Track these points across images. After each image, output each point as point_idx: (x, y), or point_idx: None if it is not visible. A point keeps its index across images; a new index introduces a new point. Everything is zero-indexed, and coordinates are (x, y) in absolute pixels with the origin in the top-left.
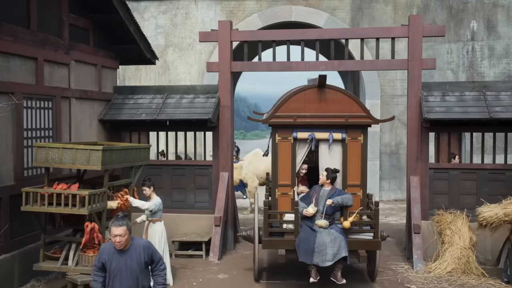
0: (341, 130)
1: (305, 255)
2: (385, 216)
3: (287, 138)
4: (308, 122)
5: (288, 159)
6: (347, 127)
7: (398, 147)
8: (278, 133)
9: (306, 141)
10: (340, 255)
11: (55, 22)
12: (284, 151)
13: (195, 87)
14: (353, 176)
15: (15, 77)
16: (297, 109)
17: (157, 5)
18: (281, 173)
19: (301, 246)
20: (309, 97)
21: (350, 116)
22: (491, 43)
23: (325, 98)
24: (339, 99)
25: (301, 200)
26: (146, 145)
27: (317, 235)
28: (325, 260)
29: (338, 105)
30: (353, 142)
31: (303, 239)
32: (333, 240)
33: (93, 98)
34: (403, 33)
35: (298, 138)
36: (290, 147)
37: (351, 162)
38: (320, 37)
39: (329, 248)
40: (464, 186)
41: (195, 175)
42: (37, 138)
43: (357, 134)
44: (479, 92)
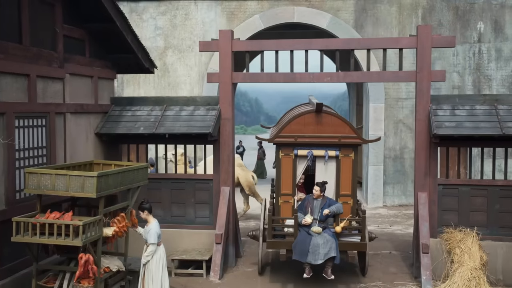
0: (335, 148)
1: (300, 255)
2: (389, 224)
3: (289, 154)
4: (307, 141)
5: (290, 172)
6: (340, 146)
7: (402, 152)
8: (281, 150)
9: (305, 157)
10: (330, 255)
11: (49, 35)
12: (286, 165)
13: (195, 99)
14: (345, 187)
15: (6, 96)
16: (297, 131)
17: (156, 5)
18: (283, 184)
19: (298, 247)
20: (308, 121)
21: (342, 137)
22: (498, 45)
23: (321, 121)
24: (333, 122)
25: (298, 209)
26: (143, 165)
27: (312, 238)
28: (317, 259)
29: (332, 127)
30: (345, 158)
31: (300, 241)
32: (325, 242)
33: (89, 111)
34: (411, 44)
35: (298, 154)
36: (291, 162)
37: (343, 175)
38: (325, 48)
39: (321, 248)
40: (474, 203)
41: (195, 189)
42: (30, 158)
43: (349, 152)
44: (491, 106)
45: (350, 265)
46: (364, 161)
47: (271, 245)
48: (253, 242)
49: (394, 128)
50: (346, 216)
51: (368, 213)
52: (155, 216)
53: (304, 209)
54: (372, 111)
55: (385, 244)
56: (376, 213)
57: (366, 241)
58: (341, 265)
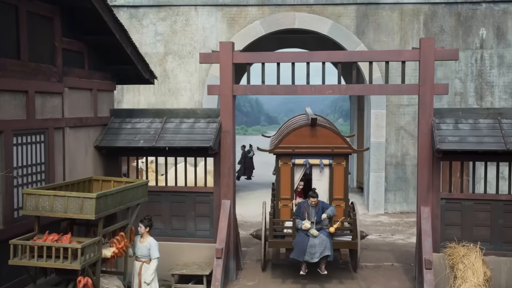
0: (328, 158)
1: (298, 254)
2: (391, 233)
3: (288, 163)
4: (304, 151)
5: (288, 179)
6: (333, 155)
7: (404, 158)
8: (280, 159)
9: (302, 166)
10: (325, 253)
11: (47, 49)
12: (285, 173)
13: (196, 111)
14: (338, 192)
15: (4, 114)
16: (295, 142)
17: (156, 11)
18: (282, 190)
19: (296, 247)
20: (304, 133)
21: (335, 147)
22: (500, 51)
23: (316, 133)
24: (327, 134)
25: (296, 214)
26: (143, 182)
27: (309, 239)
28: (313, 257)
29: (326, 139)
30: (338, 166)
31: (299, 242)
32: (321, 242)
33: (89, 125)
34: (414, 57)
35: (296, 163)
36: (289, 170)
37: (336, 181)
38: (327, 60)
39: (317, 248)
40: (478, 218)
41: (196, 202)
42: (28, 175)
43: (341, 160)
44: (494, 120)
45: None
46: (365, 167)
47: (272, 245)
48: (254, 253)
49: (395, 134)
50: (339, 217)
51: (370, 221)
52: (155, 229)
53: (301, 214)
54: (373, 118)
55: (387, 256)
56: (378, 221)
57: (357, 240)
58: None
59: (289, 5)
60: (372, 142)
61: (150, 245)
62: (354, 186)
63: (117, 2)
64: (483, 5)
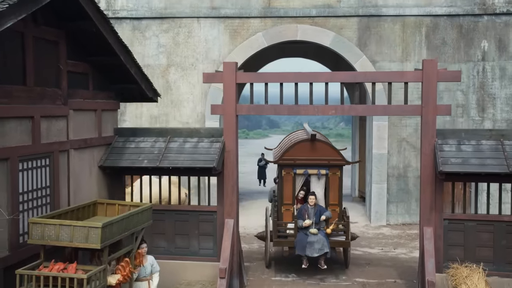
0: (325, 168)
1: (300, 249)
2: (393, 247)
3: (290, 173)
4: (304, 162)
5: (290, 187)
6: (329, 166)
7: (406, 170)
8: (284, 169)
9: (302, 175)
10: (323, 250)
11: (53, 72)
12: (287, 181)
13: (199, 130)
14: (333, 198)
15: (10, 140)
16: (296, 154)
17: (159, 23)
18: (285, 196)
19: (298, 244)
20: (304, 147)
21: (331, 159)
22: (502, 64)
23: (315, 147)
24: (324, 148)
25: (297, 216)
26: (147, 206)
27: (309, 237)
28: (313, 252)
29: (323, 152)
30: (333, 175)
31: (299, 240)
32: (319, 240)
33: (93, 145)
34: (417, 78)
35: (297, 173)
36: (291, 179)
37: (332, 189)
38: (330, 81)
39: (315, 245)
40: (481, 238)
41: (199, 221)
42: (33, 199)
43: (336, 171)
44: (497, 141)
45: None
46: (367, 178)
47: (277, 243)
48: (257, 268)
49: (397, 146)
50: (334, 220)
51: (372, 233)
52: (159, 247)
53: (302, 216)
54: (375, 130)
55: (389, 272)
56: (380, 233)
57: (349, 240)
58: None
59: (291, 17)
60: (374, 154)
61: (152, 261)
62: (356, 196)
63: (120, 14)
64: (484, 17)
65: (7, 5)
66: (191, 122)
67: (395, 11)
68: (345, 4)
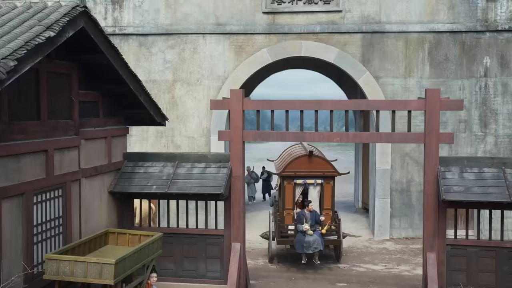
0: (321, 179)
1: (299, 247)
2: (397, 263)
3: (290, 183)
4: (302, 174)
5: (291, 195)
6: (324, 177)
7: (409, 185)
8: (285, 180)
9: (301, 185)
10: (318, 248)
11: (65, 105)
12: (288, 190)
13: (206, 156)
14: (327, 203)
15: (25, 175)
16: (296, 167)
17: (165, 39)
18: (286, 202)
19: (297, 244)
20: (303, 161)
21: (325, 171)
22: (504, 80)
23: (312, 161)
24: (319, 162)
25: (297, 220)
26: (158, 236)
27: (306, 237)
28: (310, 250)
29: (318, 165)
30: (327, 184)
31: (299, 240)
32: (314, 239)
33: (103, 172)
34: (420, 107)
35: (296, 183)
36: (292, 188)
37: (326, 196)
38: (334, 108)
39: (311, 243)
40: (483, 264)
41: (207, 244)
42: (47, 230)
43: (330, 181)
44: (499, 169)
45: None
46: (371, 192)
47: (280, 242)
48: (263, 286)
49: (400, 161)
50: (327, 222)
51: (375, 248)
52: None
53: (301, 221)
54: (379, 144)
55: None
56: (383, 248)
57: (340, 239)
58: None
59: (295, 33)
60: (378, 169)
61: None
62: (359, 207)
63: (127, 30)
64: (487, 34)
65: (25, 50)
66: (196, 137)
67: (398, 28)
68: (348, 21)
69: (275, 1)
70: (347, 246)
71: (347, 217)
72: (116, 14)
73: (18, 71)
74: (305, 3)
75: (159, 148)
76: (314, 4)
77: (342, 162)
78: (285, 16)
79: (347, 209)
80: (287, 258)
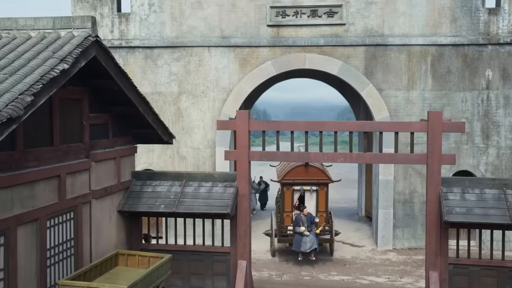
0: (316, 185)
1: (296, 246)
2: (400, 275)
3: (289, 189)
4: (300, 182)
5: (290, 199)
6: (318, 184)
7: (412, 196)
8: (285, 187)
9: (299, 191)
10: (313, 247)
11: (76, 129)
12: (287, 195)
13: (213, 175)
14: (322, 207)
15: (39, 201)
16: (294, 175)
17: (171, 52)
18: (286, 205)
19: (295, 243)
20: (300, 170)
21: (320, 179)
22: (506, 92)
23: (308, 170)
24: (315, 170)
25: (295, 223)
26: (167, 257)
27: (303, 237)
28: (306, 248)
29: (314, 174)
30: (321, 190)
31: (296, 239)
32: (310, 239)
33: (113, 192)
34: (422, 129)
35: (294, 189)
36: (291, 193)
37: (320, 200)
38: (338, 130)
39: (308, 243)
40: (485, 283)
41: (213, 261)
42: (59, 253)
43: (324, 187)
44: (500, 191)
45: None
46: (374, 203)
47: (280, 240)
48: None
49: (403, 173)
50: (322, 223)
51: (378, 259)
52: (175, 286)
53: (298, 223)
54: None
55: None
56: (386, 259)
57: (333, 238)
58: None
59: (299, 46)
60: (381, 180)
61: None
62: (362, 215)
63: (133, 43)
64: (489, 47)
65: (41, 85)
66: (201, 148)
67: (401, 41)
68: (352, 34)
69: (279, 15)
70: (351, 257)
71: (350, 226)
72: (122, 27)
73: (34, 105)
74: (309, 16)
75: (165, 159)
76: (318, 18)
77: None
78: (289, 29)
79: (350, 217)
80: (287, 252)
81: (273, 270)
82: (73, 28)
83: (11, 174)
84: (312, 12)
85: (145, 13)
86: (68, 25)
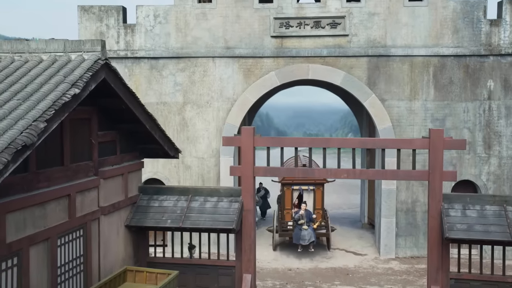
0: (313, 185)
1: (296, 239)
2: (402, 285)
3: (289, 188)
4: (298, 182)
5: (290, 198)
6: (315, 184)
7: (414, 205)
8: (285, 187)
9: (298, 190)
10: (312, 239)
11: (85, 147)
12: (287, 194)
13: (219, 190)
14: (318, 204)
15: (50, 221)
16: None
17: (176, 62)
18: (286, 203)
19: (295, 236)
20: None
21: (316, 179)
22: (508, 102)
23: None
24: None
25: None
26: (175, 274)
27: (302, 231)
28: (305, 241)
29: None
30: (318, 190)
31: (296, 233)
32: (308, 233)
33: (120, 208)
34: (424, 146)
35: (294, 188)
36: (290, 192)
37: (317, 198)
38: (341, 146)
39: (306, 236)
40: None
41: (219, 275)
42: (69, 270)
43: (320, 187)
44: (500, 207)
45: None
46: (376, 211)
47: (282, 235)
48: None
49: (406, 182)
50: (318, 219)
51: (381, 268)
52: None
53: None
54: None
55: None
56: (389, 268)
57: (329, 232)
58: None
59: (303, 56)
60: (383, 189)
61: None
62: (365, 222)
63: (138, 54)
64: (490, 58)
65: (53, 111)
66: (206, 158)
67: (403, 52)
68: (355, 45)
69: (283, 26)
70: (354, 265)
71: (353, 233)
72: (128, 38)
73: (47, 130)
74: (312, 27)
75: (170, 169)
76: (321, 29)
77: None
78: (293, 40)
79: (353, 224)
80: (287, 245)
81: (276, 279)
82: (83, 51)
83: (24, 196)
84: (315, 24)
85: (151, 24)
86: (78, 48)
